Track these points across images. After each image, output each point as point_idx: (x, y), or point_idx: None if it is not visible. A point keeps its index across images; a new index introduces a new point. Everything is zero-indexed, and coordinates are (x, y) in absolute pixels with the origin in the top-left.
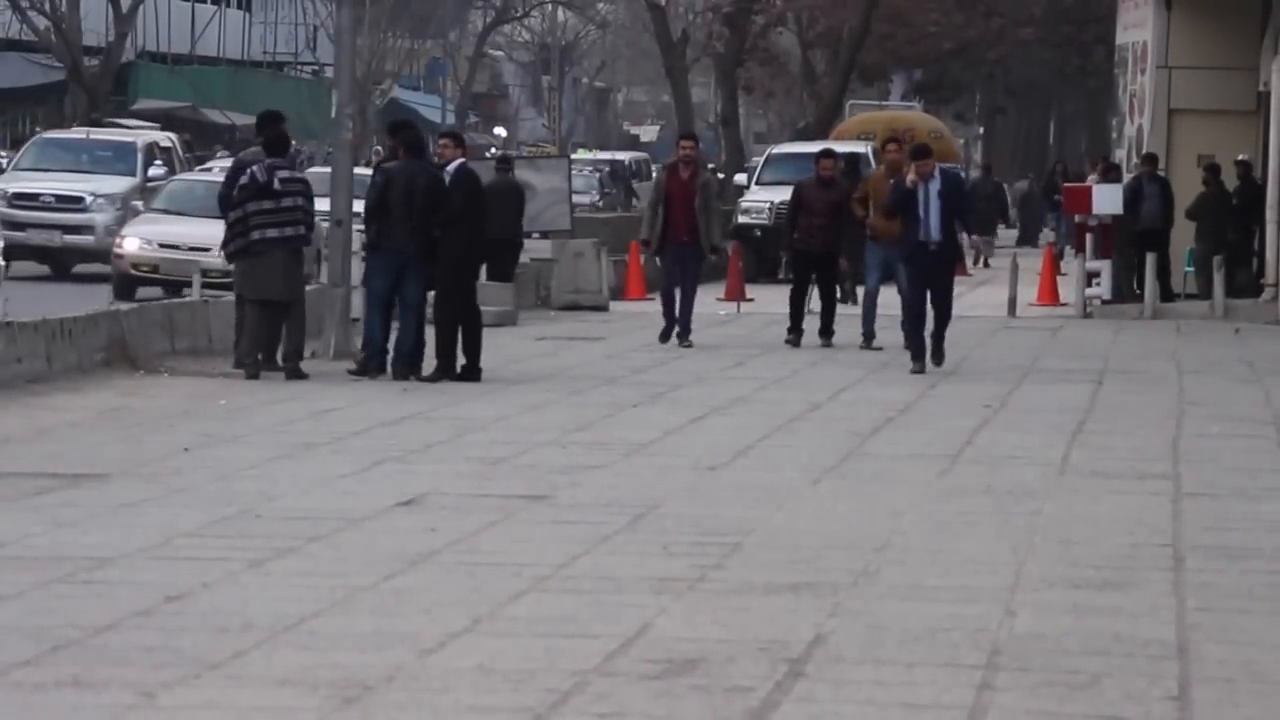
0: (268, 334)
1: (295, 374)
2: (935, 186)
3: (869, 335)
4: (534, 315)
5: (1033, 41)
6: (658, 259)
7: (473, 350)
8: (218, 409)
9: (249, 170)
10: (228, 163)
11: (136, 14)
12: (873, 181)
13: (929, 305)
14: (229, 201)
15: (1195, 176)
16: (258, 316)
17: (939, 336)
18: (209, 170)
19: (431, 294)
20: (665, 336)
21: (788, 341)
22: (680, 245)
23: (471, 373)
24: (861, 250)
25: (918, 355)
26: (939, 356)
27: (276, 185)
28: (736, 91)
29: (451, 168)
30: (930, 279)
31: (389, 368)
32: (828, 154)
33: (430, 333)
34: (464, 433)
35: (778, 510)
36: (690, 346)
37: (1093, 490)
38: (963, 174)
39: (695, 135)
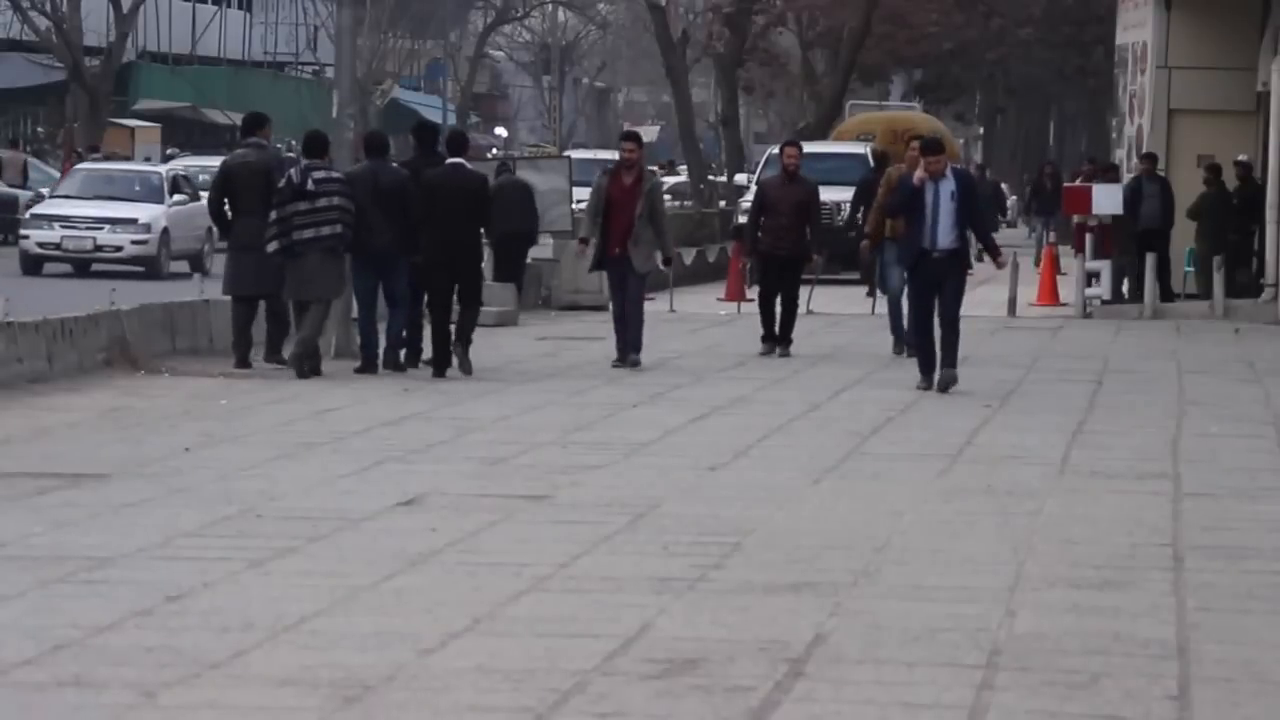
0: (274, 330)
1: (301, 371)
2: (947, 187)
3: (902, 340)
4: (535, 315)
5: (1033, 42)
6: (599, 272)
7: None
8: (218, 409)
9: (286, 173)
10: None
11: (137, 14)
12: (894, 179)
13: (936, 318)
14: (219, 208)
15: (1195, 176)
16: (298, 315)
17: (949, 356)
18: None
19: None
20: (621, 360)
21: (762, 353)
22: (615, 260)
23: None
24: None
25: (925, 370)
26: (948, 376)
27: (310, 186)
28: (737, 92)
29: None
30: (937, 290)
31: (383, 361)
32: (791, 143)
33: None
34: (464, 433)
35: (778, 510)
36: (638, 365)
37: (1093, 490)
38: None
39: (638, 135)
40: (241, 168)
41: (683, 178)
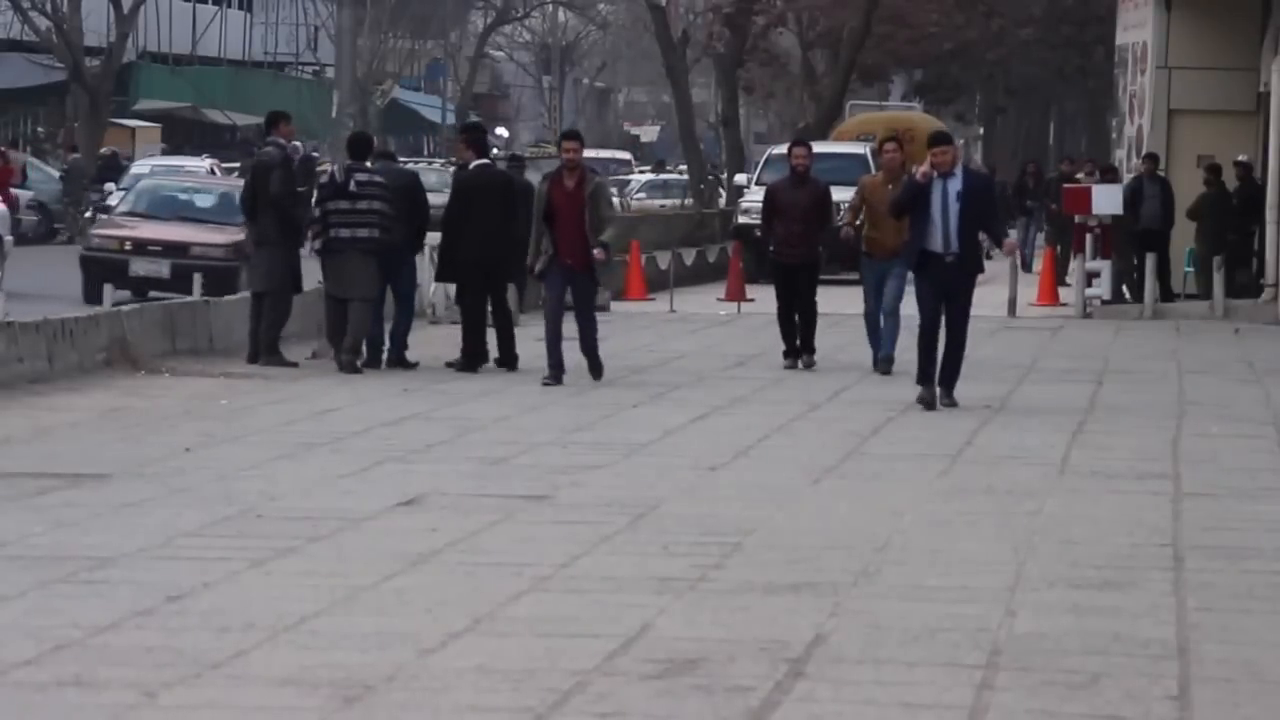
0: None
1: (351, 367)
2: (955, 186)
3: (884, 358)
4: (535, 315)
5: (1033, 42)
6: (542, 282)
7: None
8: (219, 409)
9: (329, 171)
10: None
11: (138, 14)
12: (867, 187)
13: (943, 327)
14: (249, 206)
15: (1195, 177)
16: (336, 312)
17: (950, 370)
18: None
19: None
20: (554, 378)
21: (786, 367)
22: (567, 269)
23: (505, 361)
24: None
25: (925, 381)
26: (949, 395)
27: (352, 187)
28: (737, 92)
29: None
30: (944, 297)
31: (383, 359)
32: (799, 142)
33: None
34: (465, 433)
35: (778, 510)
36: (599, 378)
37: (1093, 490)
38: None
39: (579, 134)
40: (254, 166)
41: (646, 175)
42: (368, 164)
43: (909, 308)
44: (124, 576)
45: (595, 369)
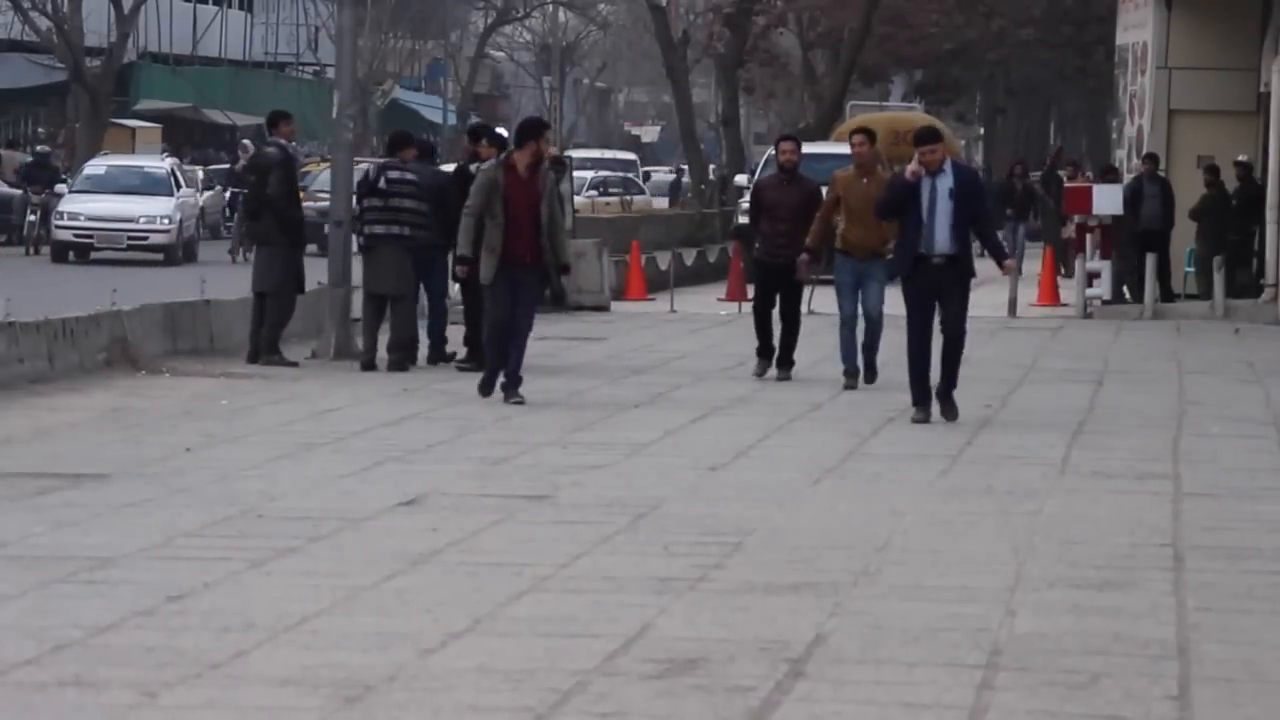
0: (376, 326)
1: (400, 365)
2: (945, 184)
3: (850, 372)
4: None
5: (1033, 42)
6: (482, 282)
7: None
8: (219, 409)
9: (364, 170)
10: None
11: (138, 14)
12: (840, 183)
13: (938, 334)
14: (252, 205)
15: (1195, 177)
16: (371, 310)
17: (948, 380)
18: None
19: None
20: (488, 387)
21: (756, 372)
22: (520, 268)
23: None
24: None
25: (920, 399)
26: (948, 406)
27: (383, 185)
28: (737, 92)
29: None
30: (936, 301)
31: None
32: (787, 137)
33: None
34: (465, 433)
35: (778, 510)
36: (521, 402)
37: (1093, 490)
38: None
39: (544, 121)
40: (255, 167)
41: (590, 172)
42: (401, 162)
43: (894, 309)
44: (124, 576)
45: (513, 384)
